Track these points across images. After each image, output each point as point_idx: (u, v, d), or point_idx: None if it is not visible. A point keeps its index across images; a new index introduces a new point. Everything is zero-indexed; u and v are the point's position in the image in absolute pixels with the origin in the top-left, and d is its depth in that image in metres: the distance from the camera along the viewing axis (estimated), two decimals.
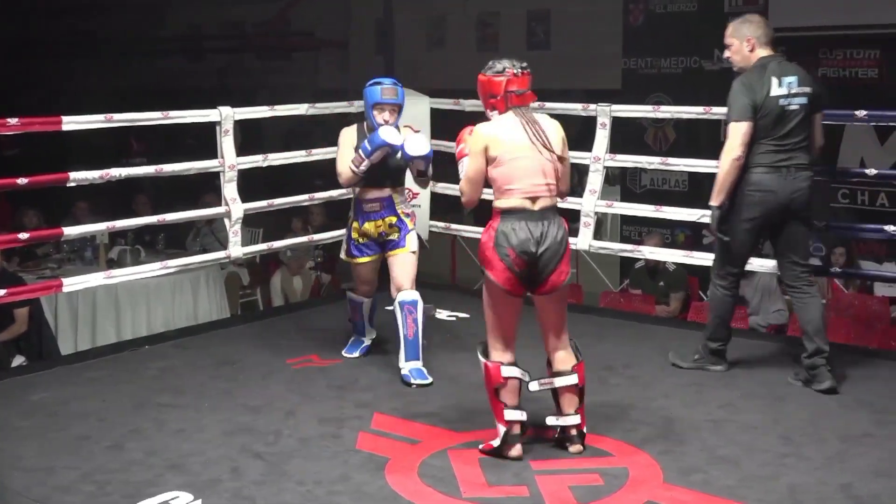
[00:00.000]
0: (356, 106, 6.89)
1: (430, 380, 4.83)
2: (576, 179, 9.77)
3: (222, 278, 8.39)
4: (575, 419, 3.97)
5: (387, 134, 4.84)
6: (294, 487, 3.72)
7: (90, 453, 4.04)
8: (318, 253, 9.02)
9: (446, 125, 7.02)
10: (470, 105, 6.76)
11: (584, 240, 6.16)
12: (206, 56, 14.24)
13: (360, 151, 4.87)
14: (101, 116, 5.46)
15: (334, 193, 6.68)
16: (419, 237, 5.25)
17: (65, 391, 4.84)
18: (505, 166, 3.87)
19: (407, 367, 4.87)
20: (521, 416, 3.93)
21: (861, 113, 5.42)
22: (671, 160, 6.31)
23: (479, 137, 3.92)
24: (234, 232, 5.99)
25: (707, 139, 9.09)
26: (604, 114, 6.11)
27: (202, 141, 6.20)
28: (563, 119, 4.18)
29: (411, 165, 4.94)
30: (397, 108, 5.01)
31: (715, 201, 4.84)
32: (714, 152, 6.90)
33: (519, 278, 3.85)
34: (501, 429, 3.90)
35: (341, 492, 3.68)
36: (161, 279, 7.16)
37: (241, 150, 6.05)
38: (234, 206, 5.92)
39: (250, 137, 9.40)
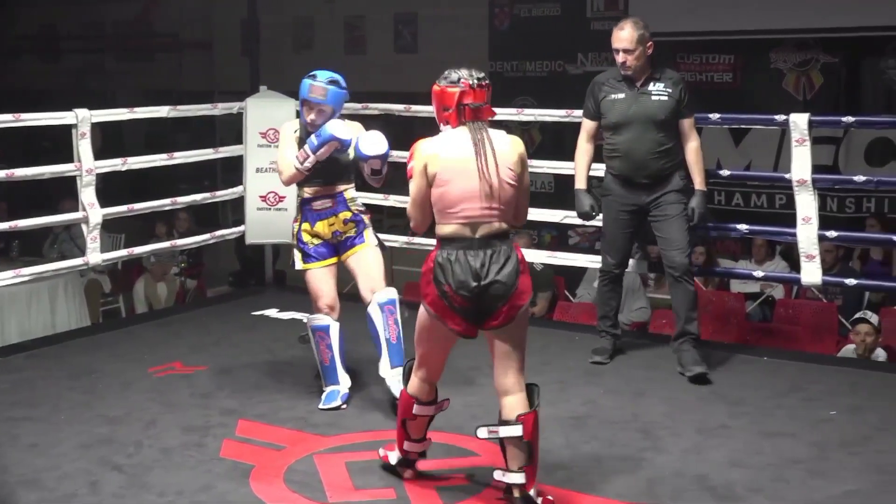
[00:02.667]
0: (220, 108, 6.79)
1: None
2: None
3: (82, 286, 8.12)
4: (517, 477, 3.43)
5: (336, 128, 4.40)
6: (155, 500, 3.63)
7: None
8: (183, 258, 8.83)
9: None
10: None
11: None
12: (63, 56, 13.78)
13: (307, 147, 4.42)
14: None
15: (197, 197, 6.55)
16: (378, 240, 4.72)
17: None
18: (444, 187, 3.44)
19: (393, 375, 4.34)
20: (420, 447, 3.73)
21: (716, 116, 5.60)
22: (537, 162, 6.40)
23: (419, 155, 3.51)
24: (93, 238, 5.81)
25: (571, 142, 9.27)
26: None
27: (60, 144, 6.01)
28: (428, 122, 4.17)
29: (364, 164, 4.45)
30: (327, 112, 4.49)
31: (706, 187, 5.11)
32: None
33: (460, 314, 3.44)
34: (396, 454, 3.75)
35: (204, 501, 3.62)
36: (16, 288, 6.88)
37: (101, 153, 5.88)
38: (92, 211, 5.75)
39: (110, 141, 9.13)
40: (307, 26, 11.35)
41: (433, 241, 3.52)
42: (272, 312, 6.24)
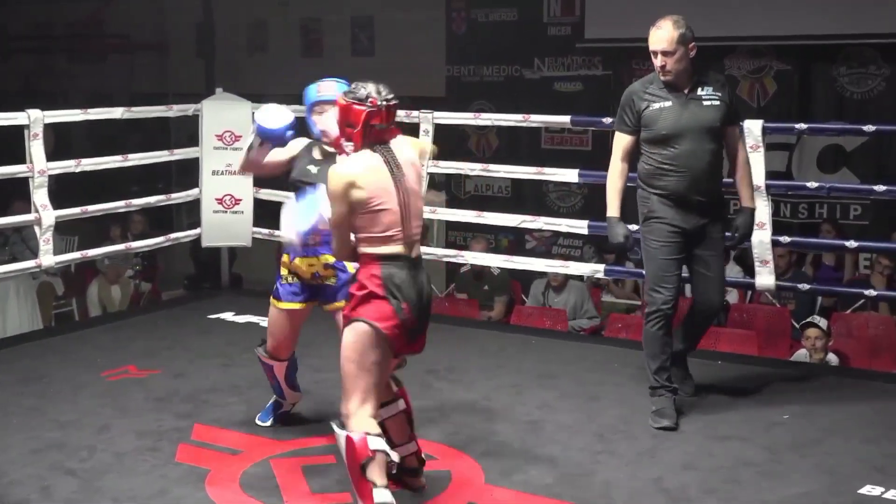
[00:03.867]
0: (176, 110, 6.74)
1: (267, 422, 4.34)
2: None
3: (34, 288, 8.02)
4: (410, 447, 3.60)
5: (261, 111, 3.95)
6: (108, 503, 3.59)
7: None
8: (138, 261, 8.75)
9: None
10: (293, 111, 6.68)
11: None
12: (12, 57, 13.57)
13: (254, 126, 3.99)
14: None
15: (152, 200, 6.50)
16: None
17: None
18: (374, 211, 3.28)
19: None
20: (390, 497, 3.23)
21: None
22: (493, 167, 6.44)
23: (338, 178, 3.28)
24: (46, 240, 5.74)
25: (527, 146, 9.33)
26: (426, 120, 6.17)
27: (8, 145, 5.93)
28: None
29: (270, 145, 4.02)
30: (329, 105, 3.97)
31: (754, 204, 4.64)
32: (534, 159, 7.10)
33: (406, 335, 3.34)
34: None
35: None
36: None
37: (53, 155, 5.81)
38: (44, 213, 5.68)
39: (61, 143, 9.01)
40: (262, 28, 11.29)
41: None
42: (228, 316, 6.20)
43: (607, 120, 5.99)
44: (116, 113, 6.27)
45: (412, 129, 6.35)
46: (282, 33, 11.06)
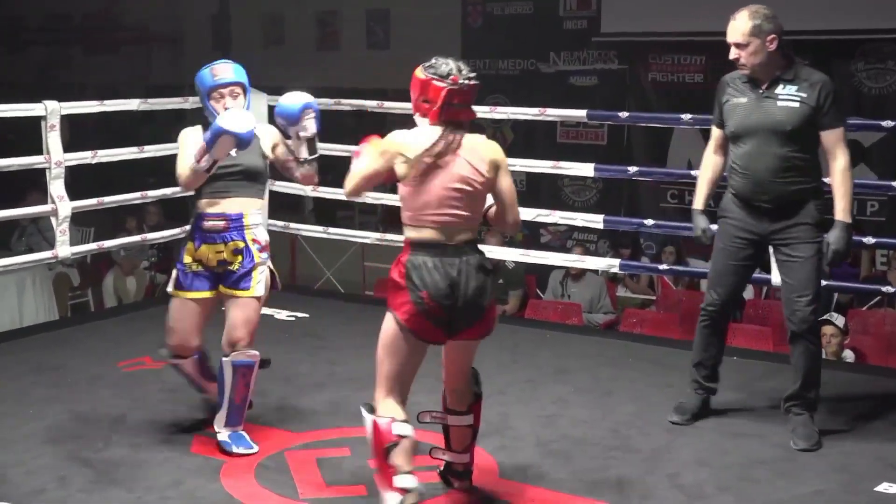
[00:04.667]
0: (191, 102, 6.74)
1: (255, 448, 3.98)
2: None
3: (50, 279, 8.06)
4: (464, 457, 3.60)
5: (227, 117, 3.72)
6: (124, 495, 3.61)
7: None
8: (153, 253, 8.78)
9: None
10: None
11: None
12: (28, 48, 13.63)
13: (204, 144, 3.76)
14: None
15: (168, 192, 6.51)
16: (274, 275, 4.10)
17: None
18: (417, 187, 3.23)
19: (226, 432, 3.98)
20: (415, 482, 3.23)
21: (687, 116, 5.63)
22: (509, 160, 6.39)
23: (393, 141, 3.27)
24: (62, 231, 5.75)
25: (543, 140, 9.32)
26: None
27: (24, 136, 5.94)
28: (402, 119, 4.15)
29: (294, 143, 3.93)
30: (241, 89, 3.92)
31: (850, 218, 4.08)
32: (550, 153, 7.09)
33: (435, 324, 3.26)
34: (391, 498, 3.21)
35: (174, 497, 3.59)
36: None
37: (69, 146, 5.82)
38: (61, 204, 5.69)
39: (78, 134, 9.05)
40: (278, 21, 11.30)
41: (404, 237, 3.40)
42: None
43: (623, 114, 5.98)
44: (132, 104, 6.28)
45: None
46: (298, 26, 11.07)
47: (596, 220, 5.95)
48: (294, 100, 3.91)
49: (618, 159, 8.43)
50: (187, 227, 4.12)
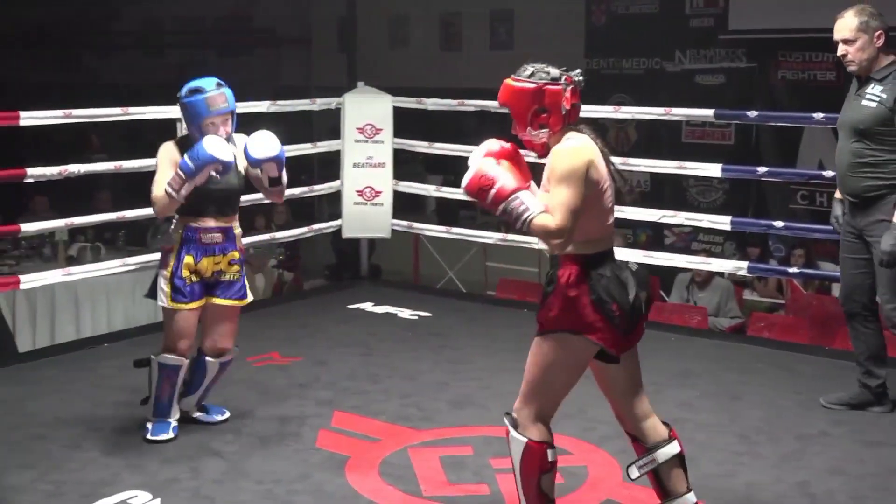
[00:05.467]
0: (319, 104, 6.88)
1: (226, 413, 4.33)
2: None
3: None
4: (691, 498, 3.17)
5: (213, 145, 3.80)
6: (253, 486, 3.70)
7: (47, 452, 4.00)
8: (281, 251, 8.98)
9: (408, 124, 7.03)
10: (432, 104, 6.77)
11: None
12: (166, 52, 14.12)
13: (181, 170, 3.81)
14: (59, 112, 5.41)
15: (295, 191, 6.65)
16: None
17: (22, 389, 4.78)
18: (600, 197, 2.98)
19: (196, 410, 4.30)
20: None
21: (819, 115, 5.47)
22: (633, 161, 6.34)
23: (580, 156, 2.93)
24: None
25: (668, 140, 9.18)
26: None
27: (162, 137, 6.13)
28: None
29: (258, 174, 4.06)
30: (230, 117, 3.98)
31: None
32: (674, 153, 6.99)
33: (617, 338, 3.03)
34: None
35: (301, 490, 3.67)
36: (121, 276, 7.07)
37: None
38: None
39: None
40: (403, 22, 11.43)
41: (529, 238, 3.31)
42: (367, 306, 6.31)
43: (752, 113, 5.85)
44: (263, 106, 6.44)
45: None
46: (422, 27, 11.17)
47: (723, 222, 5.84)
48: (258, 152, 3.94)
49: (745, 159, 8.24)
50: (315, 226, 4.19)
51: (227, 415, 4.34)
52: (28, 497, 3.60)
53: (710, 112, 5.92)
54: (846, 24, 4.17)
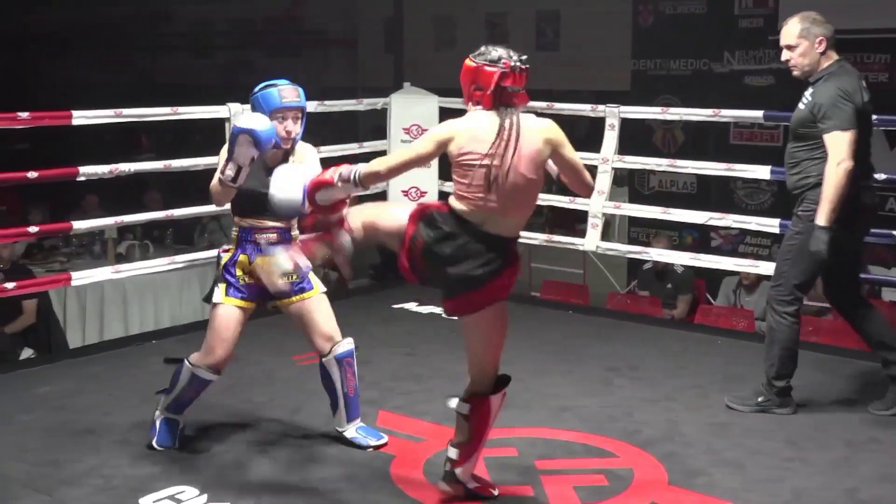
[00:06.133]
0: (365, 104, 6.92)
1: (384, 438, 4.12)
2: None
3: None
4: (451, 453, 3.55)
5: (245, 118, 3.76)
6: (300, 485, 3.73)
7: (96, 447, 4.06)
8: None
9: None
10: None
11: (591, 240, 6.16)
12: (214, 53, 14.27)
13: (226, 151, 3.80)
14: (110, 111, 5.49)
15: None
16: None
17: (72, 384, 4.86)
18: (466, 165, 3.28)
19: (353, 427, 4.12)
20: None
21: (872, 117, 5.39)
22: (680, 162, 6.31)
23: (448, 127, 3.34)
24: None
25: (715, 142, 9.10)
26: (612, 115, 6.11)
27: (210, 137, 6.21)
28: (571, 120, 4.16)
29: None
30: (301, 114, 3.94)
31: (826, 220, 4.13)
32: (722, 155, 6.93)
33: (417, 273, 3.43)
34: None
35: (346, 489, 3.69)
36: (168, 274, 7.17)
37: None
38: None
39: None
40: (449, 23, 11.44)
41: (574, 239, 3.39)
42: (411, 306, 6.33)
43: None
44: (310, 107, 6.44)
45: (598, 123, 6.31)
46: (468, 28, 11.17)
47: (772, 224, 5.77)
48: (264, 124, 3.74)
49: None
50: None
51: (385, 439, 4.10)
52: (78, 491, 3.66)
53: (759, 114, 5.87)
54: (789, 31, 4.31)
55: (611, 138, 6.12)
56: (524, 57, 3.33)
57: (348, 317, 6.09)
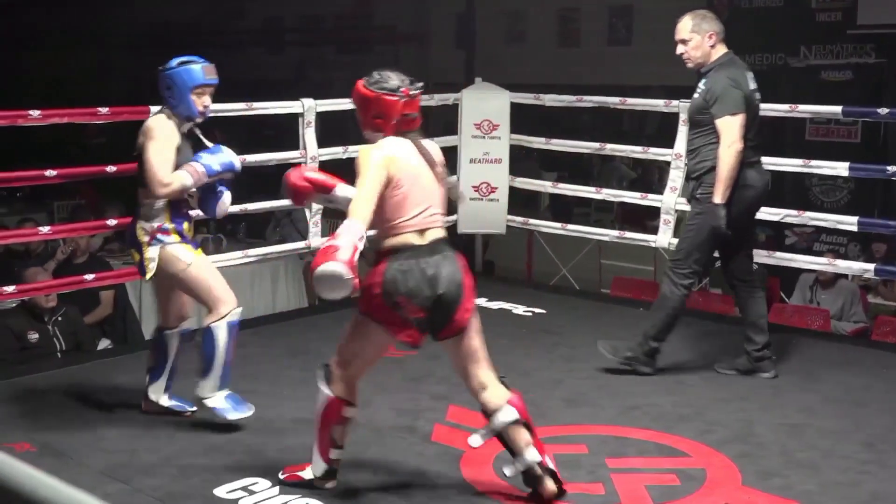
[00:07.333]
0: (436, 99, 6.93)
1: (251, 409, 4.20)
2: (656, 176, 9.74)
3: (301, 268, 8.47)
4: (532, 455, 3.46)
5: (234, 157, 4.22)
6: (369, 478, 3.75)
7: (172, 437, 4.13)
8: None
9: (526, 120, 7.02)
10: (550, 100, 6.75)
11: (663, 237, 6.09)
12: (286, 49, 14.43)
13: (203, 167, 4.04)
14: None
15: None
16: None
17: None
18: (400, 195, 3.35)
19: (221, 395, 4.17)
20: (342, 454, 3.61)
21: None
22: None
23: (379, 154, 3.34)
24: (315, 223, 6.06)
25: (792, 137, 8.95)
26: (686, 110, 6.02)
27: (281, 132, 6.28)
28: (644, 115, 4.13)
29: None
30: (213, 90, 4.19)
31: (722, 198, 4.56)
32: (797, 151, 6.81)
33: (414, 325, 3.41)
34: (321, 465, 3.57)
35: (416, 483, 3.71)
36: (240, 268, 7.26)
37: (321, 142, 6.12)
38: None
39: (328, 130, 9.50)
40: (520, 19, 11.41)
41: (645, 236, 3.40)
42: (481, 302, 6.26)
43: (883, 111, 5.66)
44: None
45: (669, 119, 6.24)
46: (540, 23, 11.14)
47: (849, 223, 5.67)
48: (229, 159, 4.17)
49: (873, 158, 7.98)
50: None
51: (252, 410, 4.19)
52: (154, 480, 3.72)
53: (837, 109, 5.76)
54: (682, 26, 4.68)
55: (684, 133, 6.04)
56: (419, 84, 3.43)
57: None
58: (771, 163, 6.07)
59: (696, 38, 4.64)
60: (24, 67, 14.41)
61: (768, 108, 6.12)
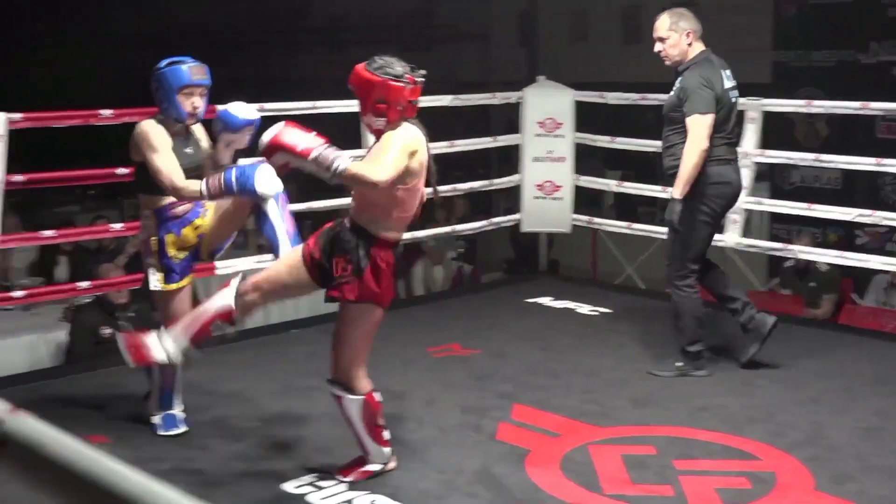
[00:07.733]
0: (499, 98, 6.91)
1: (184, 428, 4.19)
2: None
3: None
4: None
5: (269, 183, 3.87)
6: (435, 475, 3.75)
7: (239, 434, 4.16)
8: (460, 243, 9.06)
9: (590, 118, 6.97)
10: (614, 98, 6.70)
11: (731, 237, 6.00)
12: (347, 48, 14.49)
13: (225, 185, 3.76)
14: (254, 106, 5.59)
15: (476, 185, 6.70)
16: None
17: (213, 372, 4.97)
18: (411, 187, 3.43)
19: (161, 416, 4.18)
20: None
21: None
22: (826, 157, 6.08)
23: (409, 137, 3.40)
24: None
25: (863, 135, 8.77)
26: (754, 108, 5.94)
27: (342, 131, 6.28)
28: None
29: (227, 145, 4.03)
30: (206, 91, 4.05)
31: (680, 194, 4.61)
32: (870, 149, 6.67)
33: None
34: (382, 451, 3.68)
35: (481, 482, 3.69)
36: None
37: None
38: None
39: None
40: (583, 16, 11.34)
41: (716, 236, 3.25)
42: (545, 300, 6.29)
43: None
44: (445, 100, 6.52)
45: (738, 116, 6.13)
46: (603, 21, 11.06)
47: None
48: (241, 112, 3.97)
49: None
50: (494, 220, 4.23)
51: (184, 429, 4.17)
52: (224, 475, 3.76)
53: None
54: (660, 24, 4.69)
55: (751, 132, 5.95)
56: (422, 71, 3.46)
57: (481, 310, 6.17)
58: (842, 161, 5.98)
59: (674, 36, 4.66)
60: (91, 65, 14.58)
61: (839, 106, 6.04)
